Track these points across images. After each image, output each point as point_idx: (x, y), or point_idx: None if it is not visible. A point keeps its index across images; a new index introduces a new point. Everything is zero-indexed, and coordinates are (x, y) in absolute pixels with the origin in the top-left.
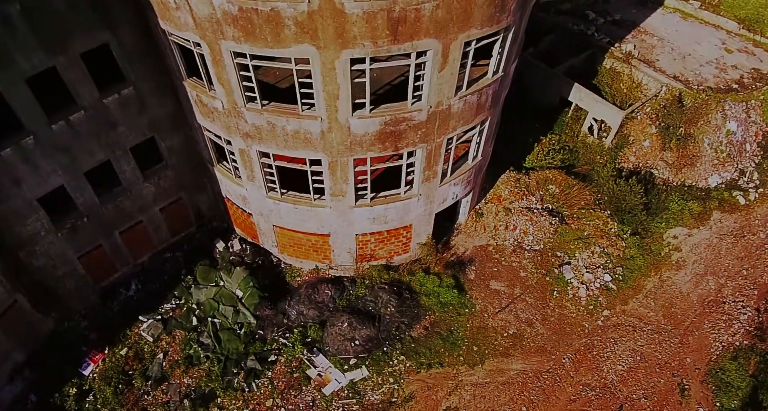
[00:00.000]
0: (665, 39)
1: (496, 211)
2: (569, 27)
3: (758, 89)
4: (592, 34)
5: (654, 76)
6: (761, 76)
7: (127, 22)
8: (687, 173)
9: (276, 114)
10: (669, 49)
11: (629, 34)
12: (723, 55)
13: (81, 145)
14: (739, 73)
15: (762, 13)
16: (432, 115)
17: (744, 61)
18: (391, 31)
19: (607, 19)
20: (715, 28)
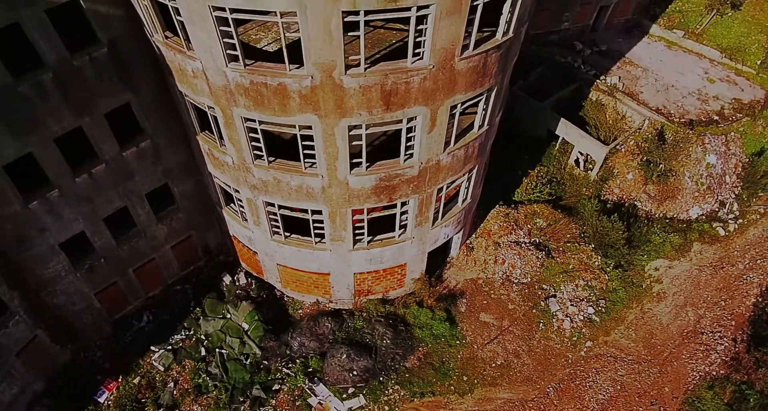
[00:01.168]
0: (649, 69)
1: (486, 246)
2: (557, 59)
3: (738, 121)
4: (578, 67)
5: (637, 109)
6: (741, 107)
7: (147, 84)
8: (669, 205)
9: (281, 171)
10: (653, 80)
11: (615, 65)
12: (705, 86)
13: (101, 194)
14: (720, 104)
15: (743, 42)
16: (423, 170)
17: (725, 91)
18: (384, 101)
19: (594, 49)
20: (699, 57)
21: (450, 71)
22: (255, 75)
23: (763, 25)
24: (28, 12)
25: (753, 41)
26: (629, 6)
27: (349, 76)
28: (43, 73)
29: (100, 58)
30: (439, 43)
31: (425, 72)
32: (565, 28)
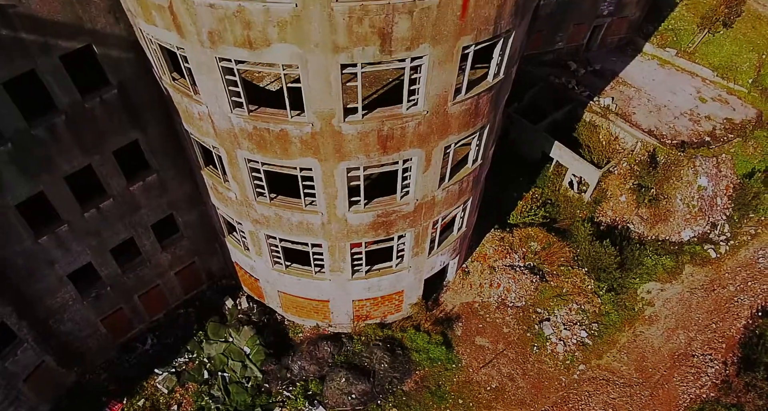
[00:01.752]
0: (642, 89)
1: (482, 270)
2: (551, 80)
3: (729, 142)
4: (572, 88)
5: (629, 131)
6: (733, 127)
7: (154, 122)
8: (661, 228)
9: (283, 208)
10: (645, 101)
11: (608, 86)
12: (697, 105)
13: (108, 227)
14: (711, 124)
15: (735, 61)
16: (419, 206)
17: (717, 110)
18: (381, 145)
19: (588, 69)
20: (691, 75)
21: (443, 115)
22: (258, 121)
23: (754, 44)
24: (44, 59)
25: (744, 60)
26: (622, 25)
27: (347, 123)
28: (56, 117)
29: (111, 100)
30: (433, 90)
31: (420, 117)
32: (559, 47)
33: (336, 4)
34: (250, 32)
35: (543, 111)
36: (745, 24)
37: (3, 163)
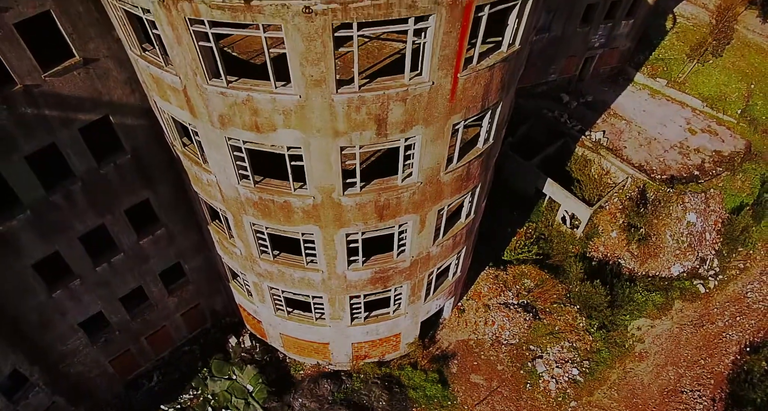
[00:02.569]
0: (633, 121)
1: (477, 308)
2: (544, 114)
3: (718, 176)
4: (564, 122)
5: (620, 166)
6: (722, 159)
7: (165, 182)
8: (651, 264)
9: (285, 265)
10: (636, 134)
11: (600, 118)
12: (687, 138)
13: (118, 279)
14: (701, 157)
15: (724, 91)
16: (414, 262)
17: (706, 142)
18: (378, 214)
19: (580, 101)
20: (682, 105)
21: (437, 184)
22: (263, 192)
23: (743, 73)
24: (64, 132)
25: (733, 90)
26: (614, 55)
27: (346, 196)
28: (72, 184)
29: (124, 164)
30: (426, 163)
31: (414, 188)
32: (553, 79)
33: (336, 95)
34: (258, 118)
35: (536, 145)
36: (734, 52)
37: (21, 228)
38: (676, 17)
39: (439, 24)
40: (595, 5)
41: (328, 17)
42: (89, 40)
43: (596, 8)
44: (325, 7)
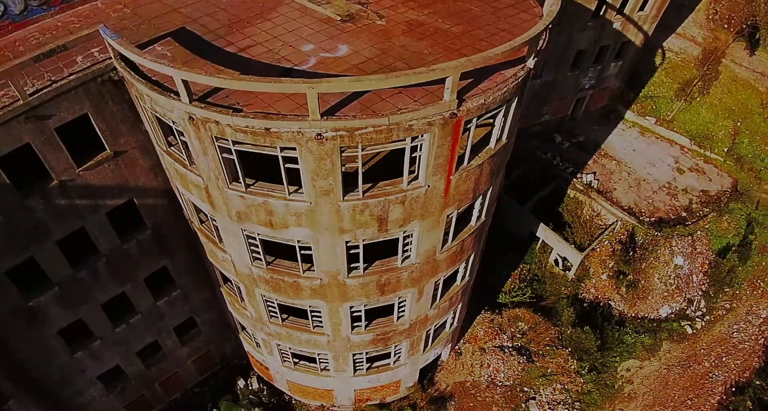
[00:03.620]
0: (623, 162)
1: (473, 351)
2: (538, 155)
3: (704, 218)
4: (557, 164)
5: (610, 209)
6: (709, 200)
7: (182, 250)
8: (640, 306)
9: (293, 328)
10: (626, 175)
11: (591, 159)
12: (675, 178)
13: (135, 336)
14: (688, 198)
15: (711, 129)
16: (413, 324)
17: (694, 182)
18: (380, 290)
19: (572, 141)
20: (670, 143)
21: (433, 262)
22: (274, 273)
23: (730, 110)
24: (92, 218)
25: (720, 128)
26: (604, 95)
27: (351, 278)
28: (97, 260)
29: (145, 239)
30: (423, 247)
31: (412, 268)
32: (546, 119)
33: (342, 202)
34: (272, 218)
35: (530, 187)
36: (721, 88)
37: (48, 303)
38: (665, 52)
39: (433, 140)
40: (584, 51)
41: (337, 142)
42: (120, 135)
43: (585, 54)
44: (334, 134)
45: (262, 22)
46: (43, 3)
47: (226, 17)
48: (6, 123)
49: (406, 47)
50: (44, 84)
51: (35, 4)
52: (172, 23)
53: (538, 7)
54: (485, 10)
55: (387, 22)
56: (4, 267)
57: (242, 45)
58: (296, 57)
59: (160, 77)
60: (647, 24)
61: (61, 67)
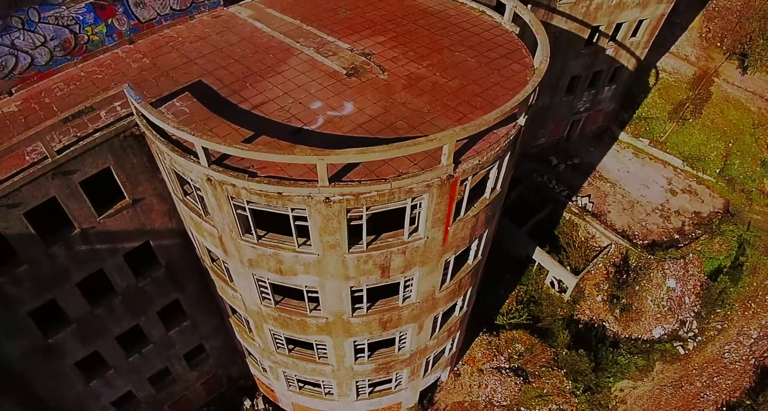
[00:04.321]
0: (617, 183)
1: (471, 372)
2: (534, 178)
3: (696, 241)
4: (553, 187)
5: (604, 232)
6: (701, 221)
7: (193, 284)
8: (634, 327)
9: (299, 359)
10: (620, 197)
11: (586, 182)
12: (668, 199)
13: (147, 364)
14: (681, 220)
15: (703, 150)
16: (413, 353)
17: (686, 203)
18: (382, 326)
19: (568, 163)
20: (664, 164)
21: (432, 300)
22: (282, 311)
23: (721, 131)
24: (111, 260)
25: (712, 149)
26: (599, 116)
27: (355, 317)
28: (114, 298)
29: (159, 276)
30: (422, 288)
31: (413, 306)
32: (542, 142)
33: (348, 254)
34: (282, 266)
35: (528, 210)
36: (713, 109)
37: (66, 338)
38: (659, 72)
39: (431, 199)
40: (579, 77)
41: (343, 204)
42: (139, 184)
43: (579, 79)
44: (341, 198)
45: (273, 75)
46: (68, 53)
47: (240, 70)
48: (35, 180)
49: (406, 104)
50: (70, 139)
51: (60, 55)
52: (189, 76)
53: (529, 57)
54: (480, 61)
55: (389, 76)
56: (26, 309)
57: (255, 101)
58: (306, 116)
59: (180, 136)
60: (639, 49)
61: (86, 122)
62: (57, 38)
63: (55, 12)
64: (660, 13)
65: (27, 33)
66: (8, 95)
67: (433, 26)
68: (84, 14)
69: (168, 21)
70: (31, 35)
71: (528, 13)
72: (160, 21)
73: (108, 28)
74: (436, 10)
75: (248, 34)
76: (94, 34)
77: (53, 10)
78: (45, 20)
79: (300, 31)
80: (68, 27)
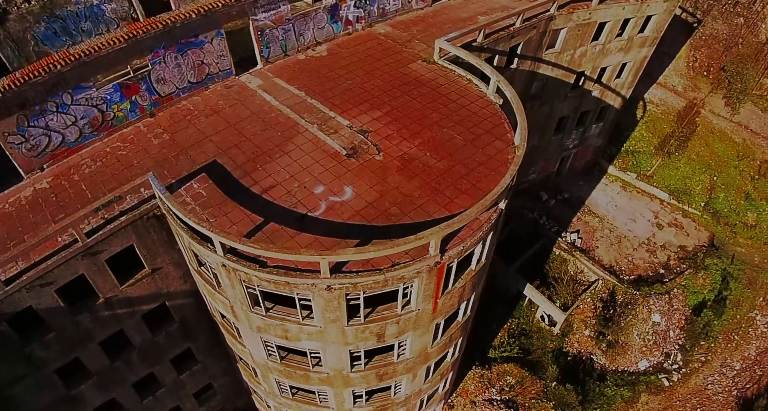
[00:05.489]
0: (605, 218)
1: (464, 404)
2: (525, 214)
3: (681, 275)
4: (543, 224)
5: (592, 268)
6: (686, 255)
7: (203, 334)
8: (620, 360)
9: (301, 402)
10: (608, 232)
11: (575, 216)
12: (654, 233)
13: (160, 405)
14: (666, 254)
15: (689, 184)
16: (407, 397)
17: (672, 237)
18: (378, 378)
19: (558, 198)
20: (651, 198)
21: (425, 354)
22: (287, 366)
23: (707, 164)
24: (130, 321)
25: (697, 182)
26: (588, 151)
27: (353, 372)
28: (131, 352)
29: (173, 331)
30: (415, 347)
31: (407, 361)
32: (533, 178)
33: (347, 326)
34: (287, 334)
35: (519, 245)
36: (698, 141)
37: (88, 389)
38: (647, 104)
39: (421, 282)
40: (566, 117)
41: (343, 290)
42: (158, 256)
43: (567, 120)
44: (341, 286)
45: (281, 156)
46: (95, 129)
47: (251, 149)
48: (66, 262)
49: (399, 189)
50: (98, 221)
51: (88, 131)
52: (206, 155)
53: (511, 132)
54: (466, 139)
55: (384, 157)
56: (53, 368)
57: (265, 184)
58: (310, 201)
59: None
60: (624, 89)
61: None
62: (86, 117)
63: (86, 94)
64: (643, 56)
65: (60, 115)
66: (40, 171)
67: (425, 98)
68: (111, 94)
69: (185, 94)
70: (63, 116)
71: (509, 89)
72: (179, 94)
73: (131, 104)
74: (428, 78)
75: (257, 108)
76: (120, 111)
77: (84, 92)
78: (77, 102)
79: (304, 105)
80: (97, 106)
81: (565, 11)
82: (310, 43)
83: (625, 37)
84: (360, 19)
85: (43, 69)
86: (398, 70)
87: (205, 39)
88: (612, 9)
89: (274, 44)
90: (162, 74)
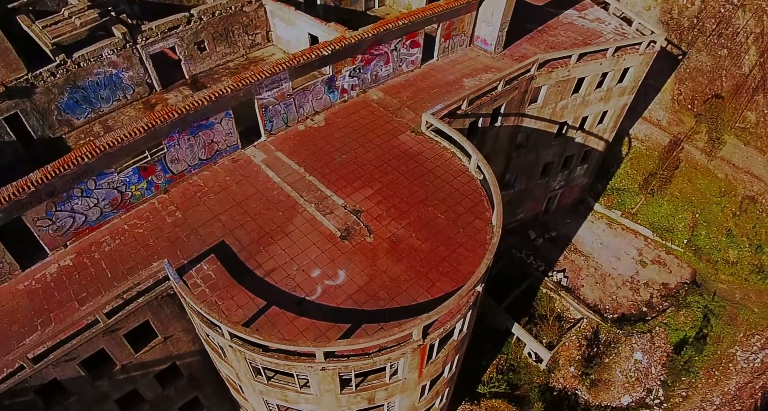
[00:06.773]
0: (591, 256)
1: None
2: (513, 254)
3: (663, 313)
4: (531, 263)
5: (577, 307)
6: (668, 292)
7: (211, 384)
8: (603, 396)
9: None
10: (593, 270)
11: (561, 255)
12: (638, 271)
13: None
14: (649, 292)
15: (671, 221)
16: None
17: (655, 275)
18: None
19: (545, 236)
20: (635, 235)
21: (413, 408)
22: None
23: (689, 201)
24: (143, 381)
25: (680, 219)
26: (574, 190)
27: None
28: (144, 405)
29: (182, 385)
30: (404, 405)
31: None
32: (521, 217)
33: (340, 394)
34: (287, 397)
35: (508, 284)
36: (682, 177)
37: None
38: (632, 140)
39: (406, 360)
40: (552, 162)
41: (336, 370)
42: (170, 325)
43: (553, 165)
44: (334, 367)
45: (282, 237)
46: (114, 208)
47: (255, 230)
48: (89, 340)
49: (387, 272)
50: (118, 302)
51: (108, 210)
52: (214, 235)
53: (489, 210)
54: (448, 217)
55: (374, 239)
56: None
57: (267, 267)
58: (307, 285)
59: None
60: (607, 133)
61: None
62: (107, 199)
63: (109, 179)
64: (623, 103)
65: (84, 199)
66: (63, 247)
67: (412, 174)
68: (130, 176)
69: (196, 170)
70: (87, 200)
71: (487, 169)
72: (190, 171)
73: (148, 183)
74: (415, 151)
75: (261, 185)
76: (137, 190)
77: (107, 177)
78: (100, 187)
79: (303, 182)
80: (117, 188)
81: (544, 70)
82: (309, 114)
83: (605, 89)
84: (354, 86)
85: (72, 162)
86: (389, 142)
87: (215, 120)
88: (590, 65)
89: (276, 118)
90: (176, 155)
